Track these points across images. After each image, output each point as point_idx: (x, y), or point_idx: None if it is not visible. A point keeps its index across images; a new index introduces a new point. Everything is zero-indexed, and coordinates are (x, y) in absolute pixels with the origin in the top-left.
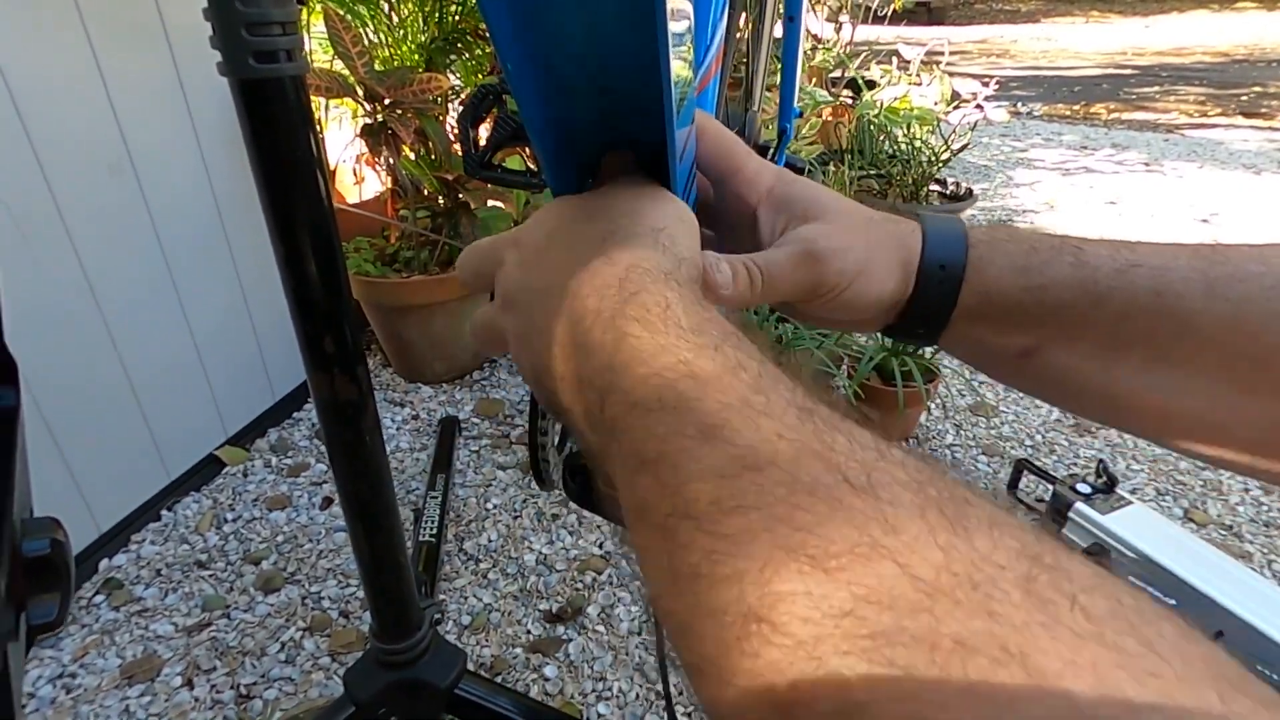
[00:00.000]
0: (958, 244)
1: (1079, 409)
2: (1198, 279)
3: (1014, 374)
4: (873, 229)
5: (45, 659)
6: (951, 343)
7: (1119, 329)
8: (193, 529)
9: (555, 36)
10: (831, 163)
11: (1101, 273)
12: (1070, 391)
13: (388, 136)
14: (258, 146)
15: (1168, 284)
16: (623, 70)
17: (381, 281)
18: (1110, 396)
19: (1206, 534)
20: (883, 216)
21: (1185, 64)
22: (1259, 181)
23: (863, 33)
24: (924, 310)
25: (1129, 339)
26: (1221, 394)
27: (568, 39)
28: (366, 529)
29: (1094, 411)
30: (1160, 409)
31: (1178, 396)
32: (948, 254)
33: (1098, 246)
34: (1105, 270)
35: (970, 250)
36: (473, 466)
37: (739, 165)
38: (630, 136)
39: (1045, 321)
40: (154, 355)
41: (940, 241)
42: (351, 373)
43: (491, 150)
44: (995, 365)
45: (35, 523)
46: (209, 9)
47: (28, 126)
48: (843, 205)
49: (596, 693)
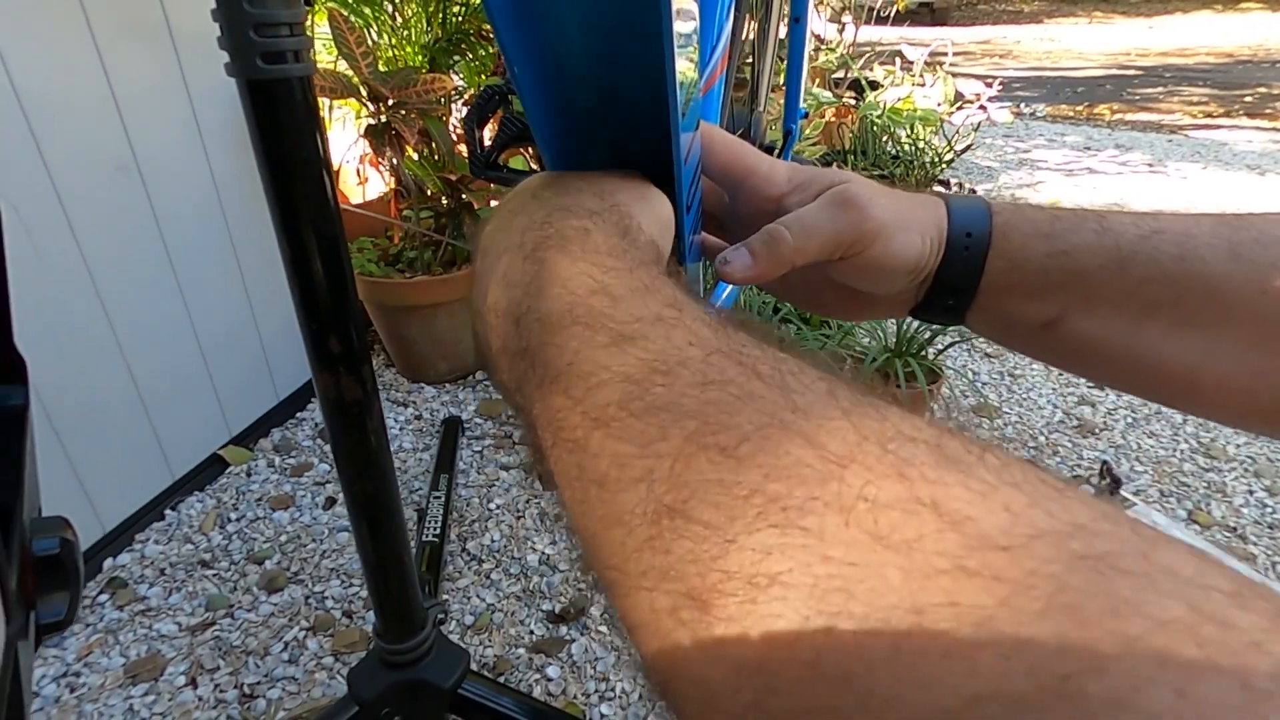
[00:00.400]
0: (982, 214)
1: (1106, 377)
2: (1221, 244)
3: (1040, 345)
4: (901, 193)
5: (49, 658)
6: (978, 317)
7: (1143, 293)
8: (196, 528)
9: (559, 37)
10: (835, 163)
11: (1125, 238)
12: (1097, 360)
13: (391, 137)
14: (265, 147)
15: (1192, 249)
16: (627, 72)
17: (385, 282)
18: (1136, 362)
19: (1211, 536)
20: (906, 191)
21: (1189, 65)
22: (1263, 183)
23: (866, 33)
24: (952, 280)
25: (1154, 303)
26: (1248, 357)
27: (572, 40)
28: (370, 529)
29: (1120, 379)
30: (1187, 374)
31: (1204, 361)
32: (973, 222)
33: (1120, 215)
34: (1129, 236)
35: (995, 218)
36: (476, 467)
37: (752, 167)
38: (634, 137)
39: (1070, 287)
40: (158, 355)
41: (965, 211)
42: (357, 372)
43: (497, 150)
44: (1021, 337)
45: (45, 522)
46: (217, 10)
47: (34, 128)
48: (865, 180)
49: (599, 693)
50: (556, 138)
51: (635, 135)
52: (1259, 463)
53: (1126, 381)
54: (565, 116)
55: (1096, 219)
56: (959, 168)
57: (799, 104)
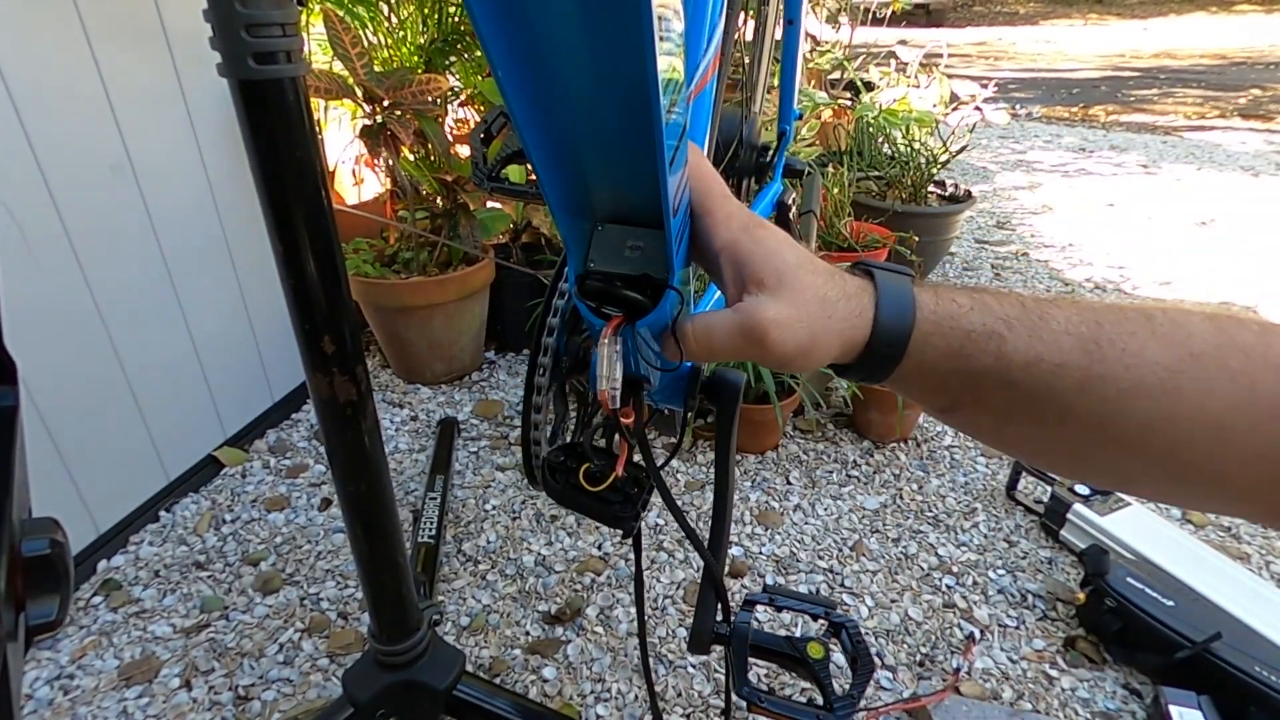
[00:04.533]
0: (904, 331)
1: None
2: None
3: (939, 418)
4: (825, 309)
5: (43, 660)
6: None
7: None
8: (191, 530)
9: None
10: (830, 164)
11: (1015, 366)
12: (987, 440)
13: (387, 138)
14: (257, 148)
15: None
16: (611, 71)
17: (380, 282)
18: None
19: (1204, 535)
20: (837, 292)
21: (1183, 66)
22: (1257, 184)
23: (861, 34)
24: (862, 372)
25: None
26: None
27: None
28: (365, 530)
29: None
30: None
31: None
32: (893, 341)
33: (1018, 331)
34: (1019, 364)
35: (915, 331)
36: (471, 468)
37: (712, 208)
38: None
39: (963, 395)
40: (153, 356)
41: (889, 329)
42: (351, 373)
43: (500, 165)
44: (922, 407)
45: (34, 523)
46: (208, 10)
47: (27, 128)
48: (800, 279)
49: (595, 694)
50: (542, 152)
51: (622, 134)
52: None
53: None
54: (551, 132)
55: (997, 342)
56: (954, 169)
57: (794, 105)
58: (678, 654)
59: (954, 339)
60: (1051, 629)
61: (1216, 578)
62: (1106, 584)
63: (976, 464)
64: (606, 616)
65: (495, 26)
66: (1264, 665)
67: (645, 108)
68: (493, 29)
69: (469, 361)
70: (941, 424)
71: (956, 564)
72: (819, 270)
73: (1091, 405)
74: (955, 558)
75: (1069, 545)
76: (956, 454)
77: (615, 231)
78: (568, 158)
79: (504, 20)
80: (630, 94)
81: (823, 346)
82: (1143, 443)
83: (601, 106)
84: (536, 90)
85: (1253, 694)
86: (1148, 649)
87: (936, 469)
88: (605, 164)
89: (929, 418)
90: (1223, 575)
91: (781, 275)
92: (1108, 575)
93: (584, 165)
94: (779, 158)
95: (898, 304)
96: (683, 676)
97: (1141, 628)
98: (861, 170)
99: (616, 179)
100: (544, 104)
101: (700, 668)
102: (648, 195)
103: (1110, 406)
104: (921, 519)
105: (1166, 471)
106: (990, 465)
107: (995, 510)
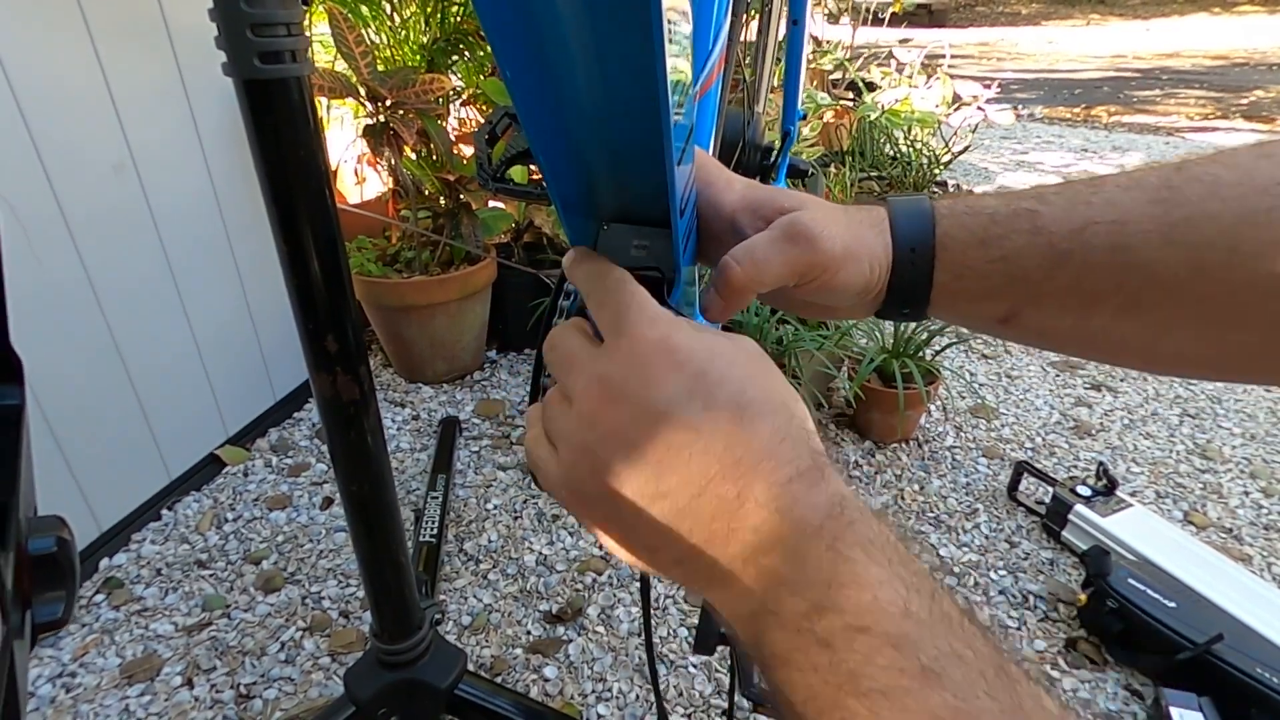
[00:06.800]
0: (925, 226)
1: (1071, 353)
2: (1154, 229)
3: (1002, 334)
4: (850, 215)
5: (45, 658)
6: (938, 314)
7: (1084, 287)
8: (193, 528)
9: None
10: (833, 164)
11: (1058, 236)
12: (1056, 343)
13: (389, 137)
14: (262, 147)
15: (1125, 239)
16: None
17: (383, 281)
18: (1093, 343)
19: (1206, 536)
20: (855, 210)
21: (1186, 67)
22: None
23: (864, 35)
24: (903, 292)
25: (1095, 295)
26: (1200, 331)
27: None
28: (367, 529)
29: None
30: (1144, 350)
31: (1157, 337)
32: (916, 236)
33: (1055, 202)
34: (1061, 233)
35: (937, 227)
36: (473, 467)
37: (711, 179)
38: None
39: (1013, 290)
40: (155, 355)
41: (909, 225)
42: (354, 372)
43: (505, 165)
44: (983, 329)
45: (41, 521)
46: (214, 9)
47: (30, 126)
48: (819, 200)
49: (596, 693)
50: (550, 151)
51: (630, 136)
52: (1255, 464)
53: (1090, 356)
54: (558, 133)
55: (1029, 215)
56: (956, 169)
57: (797, 106)
58: (679, 654)
59: (975, 227)
60: (1053, 630)
61: (1218, 579)
62: (1108, 585)
63: (978, 465)
64: (608, 616)
65: (504, 29)
66: (1265, 667)
67: (654, 109)
68: (502, 31)
69: (471, 361)
70: (949, 424)
71: (958, 565)
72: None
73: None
74: (956, 558)
75: (1070, 546)
76: (958, 454)
77: (621, 231)
78: (574, 158)
79: (513, 23)
80: (639, 96)
81: (865, 245)
82: None
83: (610, 108)
84: (545, 91)
85: (1254, 695)
86: (1149, 650)
87: (938, 469)
88: (612, 165)
89: (929, 419)
90: (1224, 576)
91: (803, 199)
92: (1109, 576)
93: (590, 166)
94: (783, 158)
95: (911, 205)
96: (684, 676)
97: (1143, 629)
98: (864, 170)
99: (623, 179)
100: (552, 105)
101: (701, 668)
102: (654, 195)
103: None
104: (923, 520)
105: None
106: (991, 466)
107: (997, 511)
